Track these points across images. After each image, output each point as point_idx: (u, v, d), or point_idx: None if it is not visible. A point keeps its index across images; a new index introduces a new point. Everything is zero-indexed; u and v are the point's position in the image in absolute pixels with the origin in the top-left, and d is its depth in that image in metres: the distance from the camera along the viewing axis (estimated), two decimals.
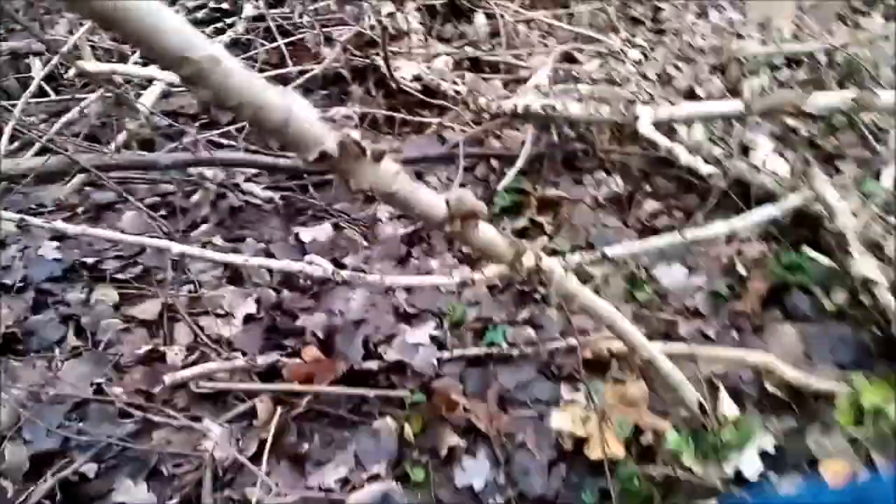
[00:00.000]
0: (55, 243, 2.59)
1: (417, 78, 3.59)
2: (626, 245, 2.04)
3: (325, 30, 3.95)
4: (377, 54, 3.57)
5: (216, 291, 2.43)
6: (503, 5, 4.35)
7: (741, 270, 2.71)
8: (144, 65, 3.02)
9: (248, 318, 2.31)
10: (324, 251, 2.67)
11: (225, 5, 4.23)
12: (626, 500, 1.78)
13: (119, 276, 2.51)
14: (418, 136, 3.39)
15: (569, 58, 4.04)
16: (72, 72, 3.07)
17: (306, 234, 2.70)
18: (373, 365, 2.15)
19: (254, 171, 2.93)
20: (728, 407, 1.90)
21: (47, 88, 3.39)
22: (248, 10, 4.03)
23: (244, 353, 2.17)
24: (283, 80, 3.60)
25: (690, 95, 3.49)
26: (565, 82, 3.38)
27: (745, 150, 2.99)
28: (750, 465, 1.81)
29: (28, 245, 2.59)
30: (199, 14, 4.13)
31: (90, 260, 2.54)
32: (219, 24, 3.97)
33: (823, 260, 2.49)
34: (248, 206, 2.88)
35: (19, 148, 2.72)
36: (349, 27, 3.98)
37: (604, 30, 4.54)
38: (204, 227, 2.74)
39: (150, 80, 2.68)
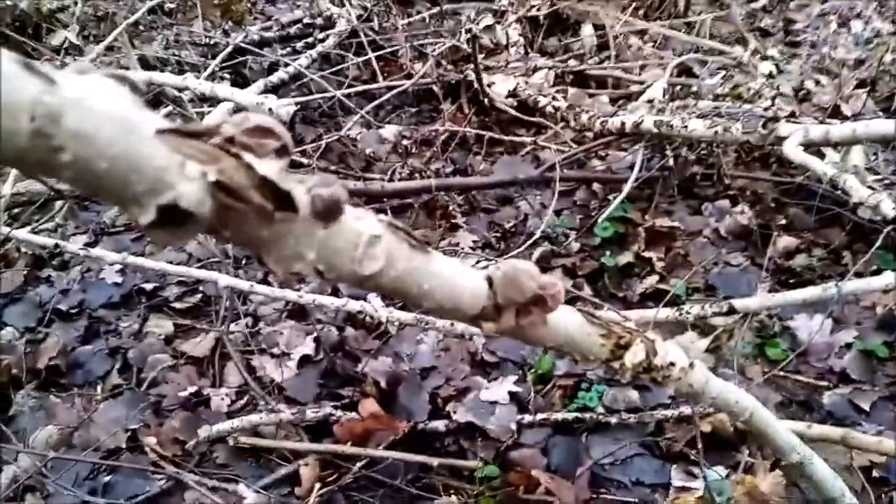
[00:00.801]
0: (117, 266, 2.43)
1: (513, 94, 3.27)
2: (762, 297, 1.62)
3: (419, 45, 3.71)
4: (472, 70, 3.27)
5: (275, 327, 2.17)
6: (613, 16, 3.95)
7: None
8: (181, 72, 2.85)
9: (305, 360, 2.04)
10: None
11: (319, 20, 4.08)
12: None
13: (177, 304, 2.31)
14: (511, 157, 3.05)
15: (687, 72, 3.59)
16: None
17: None
18: (440, 425, 1.82)
19: None
20: None
21: None
22: (342, 25, 3.85)
23: (295, 402, 1.90)
24: (372, 97, 3.38)
25: (834, 114, 2.96)
26: (683, 99, 2.95)
27: None
28: None
29: (90, 268, 2.45)
30: (292, 30, 3.99)
31: (149, 286, 2.36)
32: (309, 39, 3.80)
33: None
34: None
35: None
36: (444, 42, 3.72)
37: (727, 42, 4.06)
38: None
39: (210, 98, 2.48)
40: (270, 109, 1.88)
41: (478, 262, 2.29)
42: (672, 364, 0.68)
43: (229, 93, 2.18)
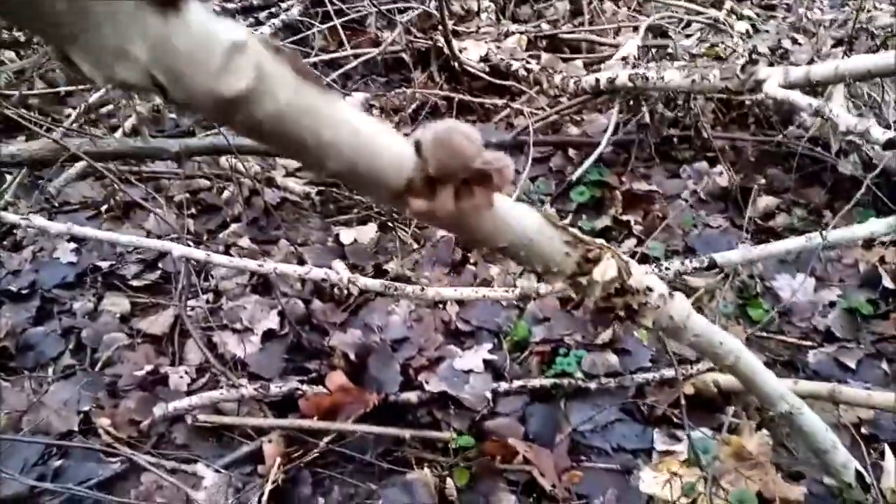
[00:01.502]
0: (72, 245, 2.31)
1: (485, 59, 3.16)
2: (743, 250, 1.54)
3: (387, 11, 3.58)
4: (441, 35, 3.15)
5: (238, 301, 2.07)
6: None
7: (887, 282, 2.13)
8: None
9: (269, 335, 1.94)
10: (366, 255, 2.28)
11: None
12: None
13: (135, 282, 2.20)
14: (484, 124, 2.94)
15: (663, 35, 3.50)
16: None
17: (347, 235, 2.31)
18: (412, 396, 1.73)
19: (295, 163, 2.56)
20: None
21: None
22: None
23: (259, 378, 1.80)
24: (339, 66, 3.26)
25: None
26: (658, 61, 2.86)
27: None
28: None
29: (44, 247, 2.32)
30: (255, 0, 3.84)
31: (105, 264, 2.24)
32: (273, 10, 3.66)
33: None
34: (285, 203, 2.52)
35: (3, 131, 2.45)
36: (413, 10, 3.59)
37: (703, 5, 3.97)
38: (234, 226, 2.40)
39: None
40: None
41: None
42: (650, 289, 0.59)
43: None
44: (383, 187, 0.42)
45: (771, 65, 2.02)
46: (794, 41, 3.30)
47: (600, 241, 0.56)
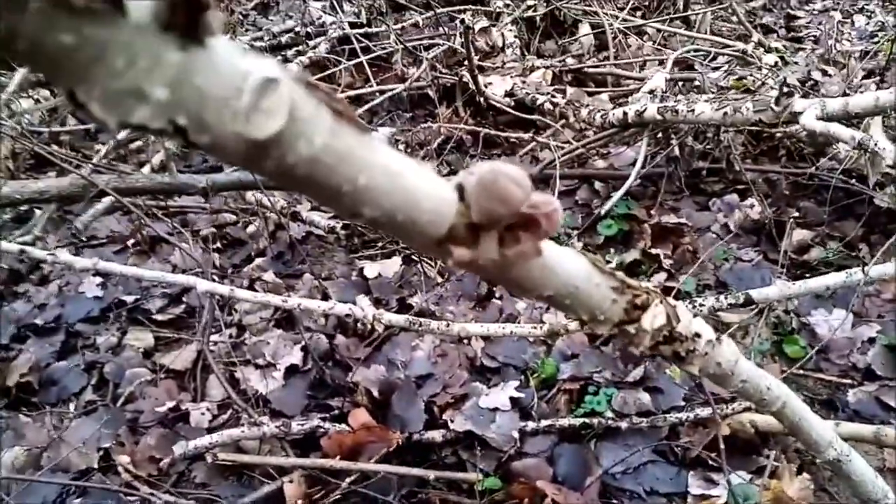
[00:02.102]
0: (98, 279, 2.32)
1: (510, 94, 3.15)
2: (781, 286, 1.48)
3: (413, 48, 3.61)
4: (467, 70, 3.16)
5: (261, 336, 2.05)
6: (611, 14, 3.85)
7: None
8: None
9: (292, 371, 1.91)
10: (390, 289, 2.25)
11: (311, 29, 3.99)
12: None
13: (159, 316, 2.19)
14: (509, 157, 2.93)
15: (689, 69, 3.48)
16: None
17: (371, 269, 2.29)
18: (436, 435, 1.68)
19: None
20: None
21: None
22: (334, 31, 3.76)
23: (281, 415, 1.76)
24: (366, 102, 3.28)
25: None
26: (686, 94, 2.84)
27: None
28: None
29: (70, 281, 2.33)
30: (284, 38, 3.90)
31: (130, 298, 2.24)
32: (301, 48, 3.71)
33: None
34: (310, 237, 2.51)
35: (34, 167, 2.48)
36: (439, 46, 3.62)
37: (729, 37, 3.95)
38: (259, 260, 2.39)
39: None
40: None
41: None
42: (698, 335, 0.55)
43: None
44: (424, 235, 0.39)
45: (803, 97, 1.97)
46: (825, 73, 3.26)
47: (647, 285, 0.52)
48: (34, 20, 0.23)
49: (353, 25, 3.84)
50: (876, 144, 1.40)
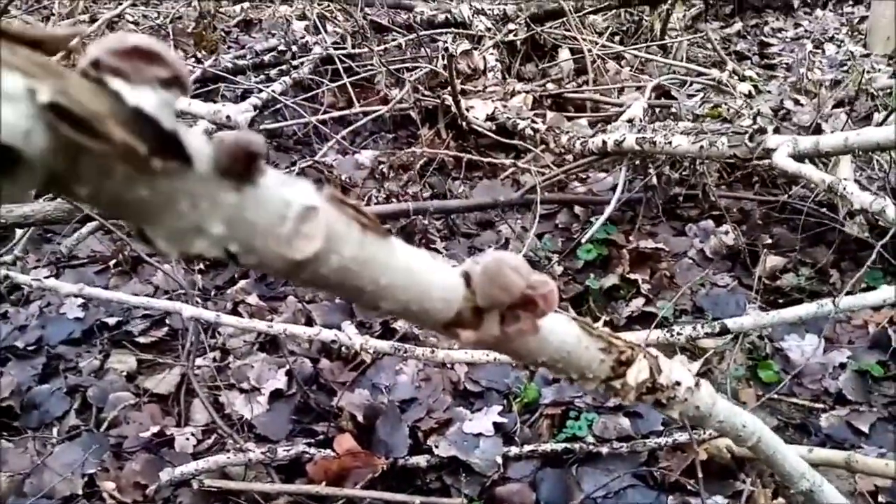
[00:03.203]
0: (79, 300, 2.31)
1: (492, 118, 3.21)
2: (755, 316, 1.53)
3: (396, 70, 3.65)
4: (449, 94, 3.21)
5: (245, 360, 2.06)
6: (590, 39, 3.94)
7: None
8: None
9: (276, 395, 1.93)
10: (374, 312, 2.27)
11: (294, 48, 4.02)
12: None
13: (142, 339, 2.19)
14: (490, 181, 2.98)
15: (666, 95, 3.57)
16: None
17: None
18: (421, 461, 1.70)
19: None
20: None
21: None
22: (317, 51, 3.80)
23: (266, 440, 1.78)
24: (348, 123, 3.31)
25: (815, 133, 2.94)
26: (663, 120, 2.91)
27: (894, 193, 2.42)
28: None
29: (51, 302, 2.32)
30: (266, 57, 3.92)
31: (113, 320, 2.24)
32: (284, 67, 3.74)
33: None
34: None
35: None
36: (422, 68, 3.67)
37: (704, 65, 4.06)
38: (242, 282, 2.40)
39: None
40: (228, 116, 1.78)
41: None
42: (678, 384, 0.59)
43: (186, 104, 2.08)
44: (434, 320, 0.43)
45: (776, 129, 2.05)
46: (797, 102, 3.37)
47: (630, 340, 0.56)
48: (118, 183, 0.26)
49: (336, 46, 3.88)
50: (845, 189, 1.47)
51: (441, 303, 0.41)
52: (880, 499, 1.63)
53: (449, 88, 3.14)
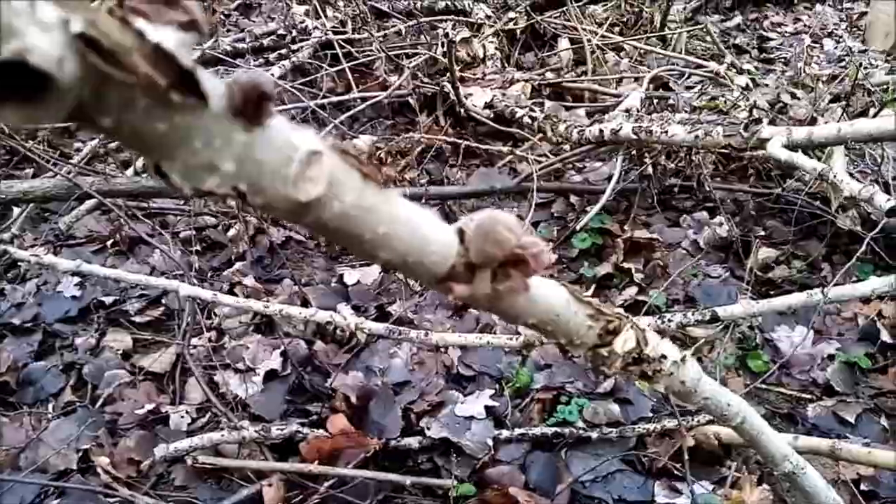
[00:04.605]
0: (76, 279, 2.32)
1: (490, 106, 3.22)
2: (745, 305, 1.55)
3: (395, 56, 3.65)
4: (448, 81, 3.22)
5: (241, 341, 2.07)
6: (590, 30, 3.94)
7: (885, 336, 2.15)
8: None
9: (271, 375, 1.94)
10: (369, 296, 2.29)
11: (294, 32, 4.01)
12: None
13: (138, 318, 2.20)
14: (487, 168, 2.99)
15: (664, 87, 3.58)
16: None
17: (351, 275, 2.33)
18: (413, 442, 1.73)
19: None
20: None
21: None
22: (317, 36, 3.79)
23: (260, 419, 1.80)
24: (347, 108, 3.32)
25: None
26: (660, 112, 2.92)
27: (886, 188, 2.45)
28: None
29: (48, 280, 2.33)
30: (266, 41, 3.92)
31: (109, 299, 2.25)
32: (283, 51, 3.73)
33: None
34: (290, 242, 2.54)
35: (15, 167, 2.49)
36: (421, 55, 3.67)
37: (702, 58, 4.06)
38: (239, 264, 2.41)
39: None
40: None
41: None
42: (664, 357, 0.61)
43: None
44: (428, 273, 0.44)
45: (772, 121, 2.06)
46: (793, 95, 3.38)
47: (619, 310, 0.57)
48: (139, 115, 0.27)
49: (335, 31, 3.87)
50: (835, 177, 1.49)
51: (436, 256, 0.43)
52: (863, 487, 1.66)
53: (448, 76, 3.15)
